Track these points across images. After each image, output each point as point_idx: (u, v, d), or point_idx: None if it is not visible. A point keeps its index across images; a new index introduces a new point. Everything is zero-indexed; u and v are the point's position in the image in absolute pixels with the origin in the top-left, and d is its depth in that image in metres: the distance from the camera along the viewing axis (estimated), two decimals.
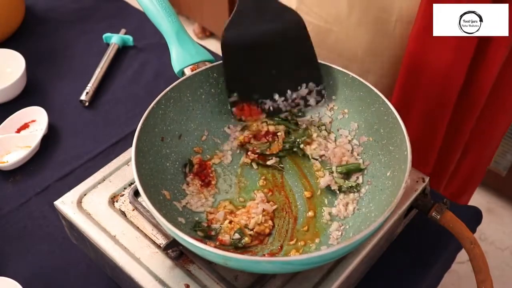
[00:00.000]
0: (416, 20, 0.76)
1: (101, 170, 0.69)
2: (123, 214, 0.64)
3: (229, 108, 0.70)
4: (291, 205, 0.65)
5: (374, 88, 0.64)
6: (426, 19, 0.72)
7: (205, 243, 0.58)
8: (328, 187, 0.66)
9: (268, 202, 0.65)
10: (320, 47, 0.85)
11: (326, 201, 0.65)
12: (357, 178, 0.65)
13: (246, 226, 0.62)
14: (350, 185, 0.64)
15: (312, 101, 0.69)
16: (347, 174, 0.66)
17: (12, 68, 0.97)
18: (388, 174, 0.62)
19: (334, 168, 0.66)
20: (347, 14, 0.83)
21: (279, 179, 0.68)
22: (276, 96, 0.69)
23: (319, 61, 0.69)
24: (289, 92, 0.69)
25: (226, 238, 0.60)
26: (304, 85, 0.69)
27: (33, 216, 0.78)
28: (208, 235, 0.61)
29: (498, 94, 0.84)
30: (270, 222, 0.62)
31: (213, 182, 0.67)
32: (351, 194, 0.64)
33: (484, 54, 0.76)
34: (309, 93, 0.69)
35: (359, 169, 0.66)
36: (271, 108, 0.70)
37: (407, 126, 0.60)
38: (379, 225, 0.52)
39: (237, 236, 0.60)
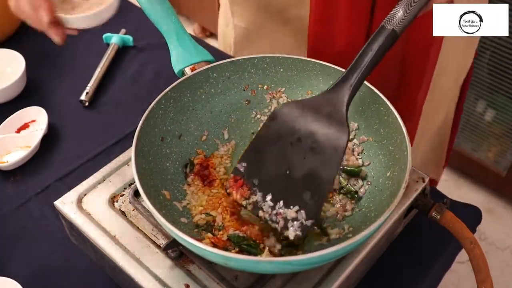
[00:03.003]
0: None
1: (101, 170, 0.69)
2: (123, 214, 0.64)
3: (231, 173, 0.62)
4: None
5: (374, 88, 0.64)
6: None
7: (212, 241, 0.58)
8: None
9: None
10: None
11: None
12: (356, 180, 0.65)
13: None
14: (350, 189, 0.64)
15: (291, 230, 0.57)
16: (349, 174, 0.66)
17: (12, 68, 0.97)
18: (388, 174, 0.62)
19: None
20: None
21: None
22: (268, 198, 0.59)
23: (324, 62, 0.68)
24: (279, 203, 0.59)
25: (224, 237, 0.60)
26: (296, 208, 0.58)
27: (33, 216, 0.78)
28: (213, 233, 0.61)
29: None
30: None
31: (214, 182, 0.67)
32: (350, 195, 0.64)
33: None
34: (294, 220, 0.57)
35: (359, 175, 0.65)
36: (256, 204, 0.60)
37: None
38: (379, 225, 0.52)
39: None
